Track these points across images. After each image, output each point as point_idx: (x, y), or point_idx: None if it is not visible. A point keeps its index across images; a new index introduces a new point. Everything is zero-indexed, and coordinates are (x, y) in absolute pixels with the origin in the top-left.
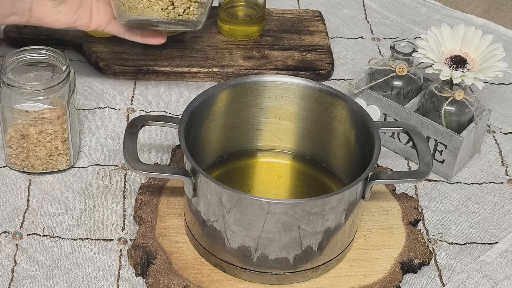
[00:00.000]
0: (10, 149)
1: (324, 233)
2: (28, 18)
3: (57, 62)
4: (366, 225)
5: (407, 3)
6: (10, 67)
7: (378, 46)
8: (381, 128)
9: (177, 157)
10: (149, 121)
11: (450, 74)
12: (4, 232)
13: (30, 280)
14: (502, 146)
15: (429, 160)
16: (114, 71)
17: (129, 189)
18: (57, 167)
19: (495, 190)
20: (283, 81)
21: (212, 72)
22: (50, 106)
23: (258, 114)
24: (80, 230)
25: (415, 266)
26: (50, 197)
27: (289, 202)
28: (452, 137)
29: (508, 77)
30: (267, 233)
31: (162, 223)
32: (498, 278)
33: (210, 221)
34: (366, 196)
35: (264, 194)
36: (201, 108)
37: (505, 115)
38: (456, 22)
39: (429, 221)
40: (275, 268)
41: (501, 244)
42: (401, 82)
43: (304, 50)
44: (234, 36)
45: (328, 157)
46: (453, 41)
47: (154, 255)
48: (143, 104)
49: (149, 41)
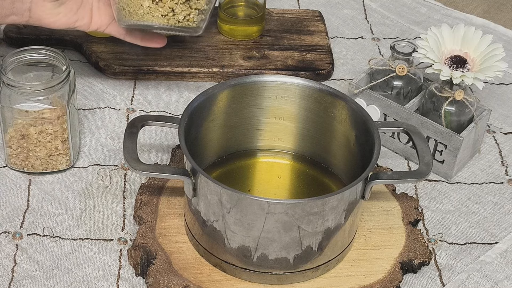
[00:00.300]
0: (10, 149)
1: (324, 233)
2: (28, 18)
3: (57, 62)
4: (366, 225)
5: (407, 3)
6: (10, 67)
7: (378, 46)
8: (381, 128)
9: (177, 157)
10: (149, 121)
11: (450, 74)
12: (4, 232)
13: (30, 280)
14: (502, 146)
15: (429, 160)
16: (114, 71)
17: (129, 189)
18: (57, 167)
19: (495, 190)
20: (283, 81)
21: (212, 72)
22: (50, 106)
23: (258, 114)
24: (80, 230)
25: (415, 266)
26: (50, 197)
27: (289, 202)
28: (452, 137)
29: (508, 77)
30: (267, 233)
31: (162, 223)
32: (498, 278)
33: (210, 221)
34: (366, 196)
35: (264, 194)
36: (201, 108)
37: (505, 115)
38: (456, 22)
39: (429, 221)
40: (275, 268)
41: (501, 244)
42: (401, 82)
43: (304, 50)
44: (234, 36)
45: (328, 157)
46: (453, 41)
47: (154, 255)
48: (143, 104)
49: (149, 44)
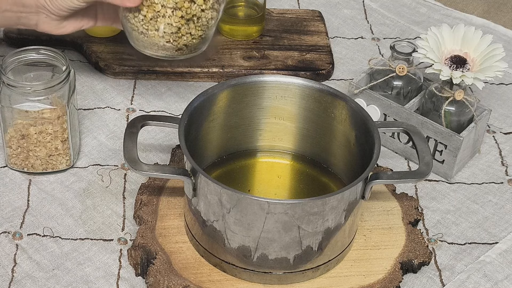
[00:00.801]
0: (10, 149)
1: (324, 233)
2: (35, 28)
3: (57, 62)
4: (366, 225)
5: (407, 3)
6: (10, 67)
7: (378, 46)
8: (381, 128)
9: (177, 157)
10: (149, 121)
11: (450, 74)
12: (4, 232)
13: (30, 280)
14: (502, 146)
15: (429, 160)
16: (114, 71)
17: (129, 189)
18: (57, 167)
19: (495, 190)
20: (283, 81)
21: (212, 72)
22: (50, 106)
23: (258, 114)
24: (80, 230)
25: (415, 266)
26: (50, 197)
27: (289, 202)
28: (452, 137)
29: (508, 77)
30: (267, 233)
31: (162, 223)
32: (498, 278)
33: (210, 221)
34: (366, 196)
35: (264, 194)
36: (201, 108)
37: (505, 115)
38: (456, 22)
39: (429, 221)
40: (275, 268)
41: (501, 244)
42: (401, 82)
43: (304, 50)
44: (234, 36)
45: (328, 157)
46: (453, 41)
47: (154, 255)
48: (143, 104)
49: None
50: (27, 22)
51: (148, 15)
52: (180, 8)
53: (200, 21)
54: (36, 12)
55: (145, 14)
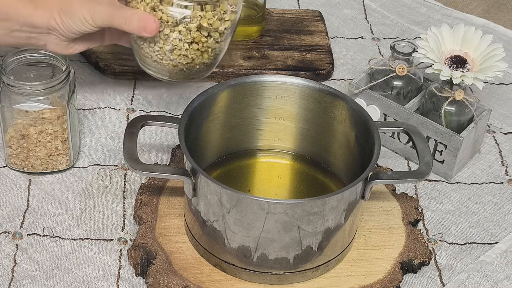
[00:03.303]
0: (10, 149)
1: (324, 233)
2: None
3: (57, 62)
4: (366, 225)
5: (407, 3)
6: (10, 67)
7: (378, 46)
8: (381, 128)
9: (177, 157)
10: (149, 121)
11: (450, 74)
12: (4, 232)
13: (30, 280)
14: (502, 146)
15: (429, 160)
16: (114, 71)
17: (129, 189)
18: (57, 167)
19: (495, 190)
20: (283, 81)
21: (212, 72)
22: (50, 106)
23: (258, 114)
24: (80, 230)
25: (415, 266)
26: (50, 197)
27: (289, 202)
28: (452, 137)
29: (508, 77)
30: (267, 233)
31: (162, 223)
32: (498, 278)
33: (210, 221)
34: (366, 196)
35: (264, 194)
36: (201, 108)
37: (505, 115)
38: (456, 22)
39: (429, 221)
40: (275, 268)
41: (501, 244)
42: (401, 82)
43: (304, 50)
44: (234, 36)
45: (328, 157)
46: (453, 41)
47: (154, 255)
48: (143, 104)
49: None
50: (36, 42)
51: (165, 48)
52: (198, 42)
53: (214, 52)
54: (46, 34)
55: (162, 46)
